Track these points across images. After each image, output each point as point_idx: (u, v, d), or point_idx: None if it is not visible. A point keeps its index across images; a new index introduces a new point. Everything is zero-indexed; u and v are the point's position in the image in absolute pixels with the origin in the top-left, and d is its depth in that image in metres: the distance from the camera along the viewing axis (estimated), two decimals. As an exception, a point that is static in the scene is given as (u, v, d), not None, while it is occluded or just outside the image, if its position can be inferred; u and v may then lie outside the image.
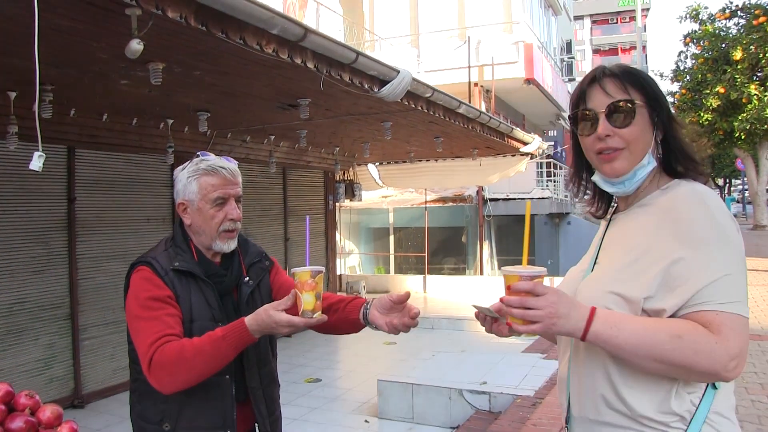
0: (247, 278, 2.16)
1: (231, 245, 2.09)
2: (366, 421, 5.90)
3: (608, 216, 1.61)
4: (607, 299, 1.36)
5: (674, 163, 1.48)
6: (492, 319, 1.51)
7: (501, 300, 1.35)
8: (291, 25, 3.90)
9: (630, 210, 1.51)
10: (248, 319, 1.85)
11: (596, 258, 1.53)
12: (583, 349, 1.42)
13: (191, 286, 2.03)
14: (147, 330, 1.90)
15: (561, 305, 1.29)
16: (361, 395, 6.64)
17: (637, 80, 1.45)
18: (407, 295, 1.95)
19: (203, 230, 2.07)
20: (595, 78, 1.48)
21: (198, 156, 2.10)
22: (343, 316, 2.09)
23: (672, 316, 1.31)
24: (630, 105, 1.43)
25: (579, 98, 1.51)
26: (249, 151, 8.63)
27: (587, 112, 1.48)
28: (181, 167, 2.12)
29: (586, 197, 1.64)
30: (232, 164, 2.10)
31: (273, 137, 8.46)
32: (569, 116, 1.56)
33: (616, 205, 1.62)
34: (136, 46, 3.28)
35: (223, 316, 2.04)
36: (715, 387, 1.37)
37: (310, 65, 4.33)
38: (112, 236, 6.87)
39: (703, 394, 1.35)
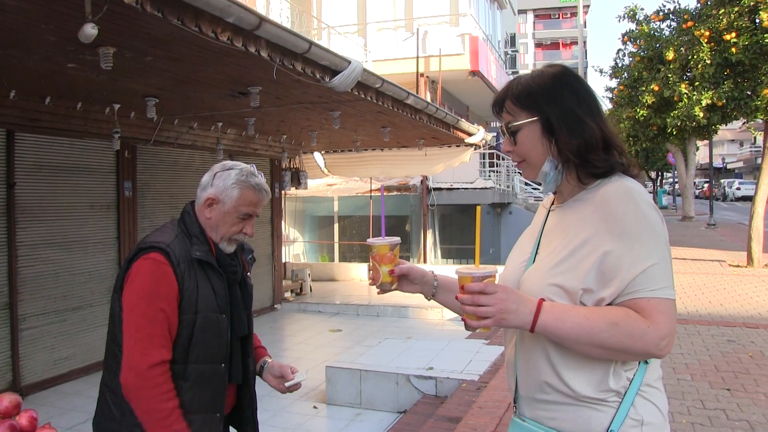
0: (249, 273, 2.30)
1: (232, 249, 2.18)
2: (314, 407, 5.96)
3: (548, 207, 1.72)
4: (549, 291, 1.46)
5: (583, 167, 1.55)
6: None
7: (456, 298, 1.46)
8: (246, 14, 3.90)
9: (567, 204, 1.61)
10: None
11: (537, 248, 1.63)
12: (527, 335, 1.52)
13: (201, 276, 2.07)
14: (147, 339, 1.95)
15: (510, 302, 1.40)
16: (310, 382, 6.68)
17: (521, 100, 1.57)
18: (290, 379, 2.24)
19: (219, 229, 2.14)
20: (499, 99, 1.64)
21: (247, 167, 2.16)
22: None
23: (610, 303, 1.43)
24: (511, 127, 1.59)
25: (496, 116, 1.68)
26: (196, 138, 8.53)
27: (501, 128, 1.66)
28: (227, 165, 2.17)
29: None
30: (268, 188, 2.20)
31: (221, 124, 8.38)
32: (500, 128, 1.71)
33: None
34: (90, 30, 3.22)
35: (228, 308, 2.13)
36: (646, 362, 1.51)
37: (264, 54, 4.34)
38: (53, 223, 6.71)
39: (636, 370, 1.49)
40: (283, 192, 11.53)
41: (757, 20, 10.18)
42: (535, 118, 1.55)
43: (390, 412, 5.60)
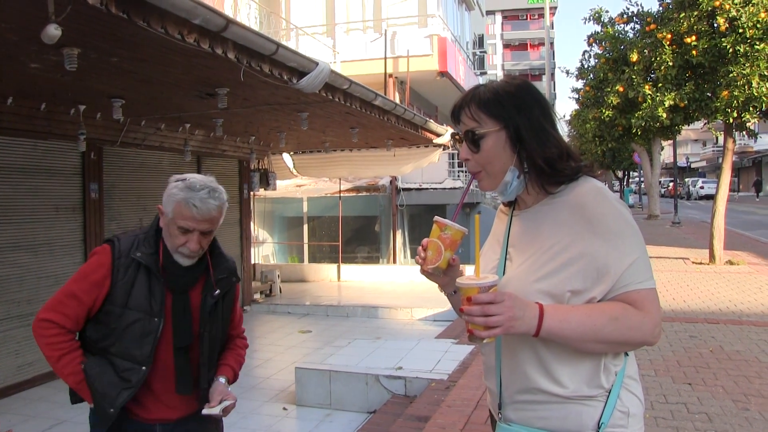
0: (217, 291, 2.29)
1: (186, 262, 2.21)
2: (284, 408, 5.96)
3: (509, 213, 1.72)
4: (536, 296, 1.48)
5: (545, 175, 1.58)
6: None
7: (461, 311, 1.42)
8: (213, 16, 3.90)
9: (533, 209, 1.62)
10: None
11: (506, 254, 1.65)
12: (513, 338, 1.52)
13: (142, 276, 2.17)
14: (55, 302, 2.18)
15: (516, 308, 1.40)
16: (279, 383, 6.69)
17: (487, 107, 1.56)
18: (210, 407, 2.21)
19: (168, 240, 2.21)
20: (461, 104, 1.61)
21: (196, 180, 2.17)
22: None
23: (600, 299, 1.47)
24: (477, 134, 1.56)
25: (455, 120, 1.65)
26: (163, 139, 8.46)
27: (457, 136, 1.63)
28: (180, 177, 2.21)
29: None
30: (210, 204, 2.15)
31: (188, 125, 8.33)
32: (452, 135, 1.70)
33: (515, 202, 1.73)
34: (53, 31, 3.19)
35: (161, 313, 2.17)
36: (626, 354, 1.58)
37: (231, 56, 4.34)
38: (17, 226, 6.60)
39: (622, 364, 1.55)
40: (251, 193, 11.48)
41: (715, 24, 10.43)
42: (502, 127, 1.55)
43: (360, 412, 5.63)
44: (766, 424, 4.24)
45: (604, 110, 12.36)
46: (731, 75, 10.10)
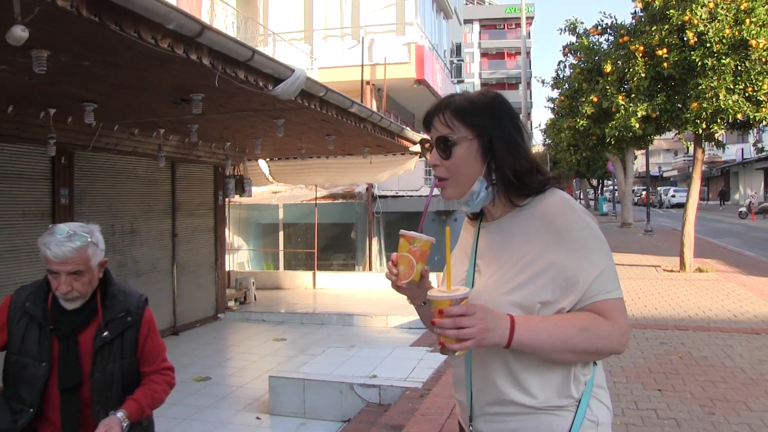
0: (105, 333, 2.39)
1: (69, 306, 2.35)
2: (258, 417, 5.91)
3: (477, 224, 1.73)
4: (507, 309, 1.48)
5: (512, 188, 1.58)
6: None
7: (433, 323, 1.40)
8: (188, 21, 3.86)
9: (501, 221, 1.63)
10: None
11: (474, 266, 1.65)
12: (483, 350, 1.52)
13: (30, 326, 2.36)
14: None
15: (488, 320, 1.39)
16: (253, 392, 6.63)
17: (463, 115, 1.56)
18: None
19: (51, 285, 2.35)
20: (434, 111, 1.62)
21: (62, 226, 2.36)
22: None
23: (570, 310, 1.49)
24: (450, 140, 1.56)
25: (426, 127, 1.65)
26: (137, 145, 8.37)
27: (427, 143, 1.63)
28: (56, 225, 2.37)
29: None
30: (65, 247, 2.26)
31: (162, 131, 8.24)
32: (420, 141, 1.70)
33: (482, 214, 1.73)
34: (20, 33, 3.11)
35: (48, 358, 2.33)
36: (595, 363, 1.59)
37: (206, 62, 4.30)
38: (-17, 231, 6.48)
39: (591, 373, 1.57)
40: (226, 199, 11.39)
41: (685, 38, 10.64)
42: (475, 136, 1.55)
43: (334, 421, 5.60)
44: (730, 427, 4.34)
45: (578, 120, 12.50)
46: (700, 87, 10.31)
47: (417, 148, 10.25)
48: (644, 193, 38.05)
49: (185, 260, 9.95)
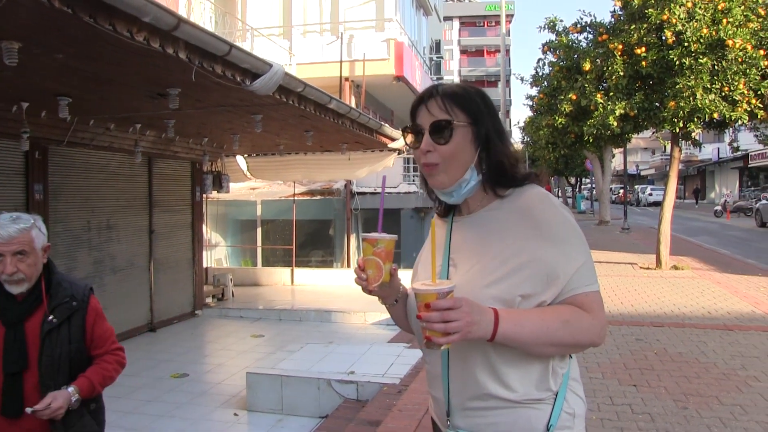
0: (52, 318, 2.46)
1: (15, 290, 2.42)
2: (235, 414, 5.88)
3: (449, 219, 1.72)
4: (486, 302, 1.47)
5: (498, 178, 1.60)
6: None
7: (419, 317, 1.38)
8: (164, 14, 3.82)
9: (477, 215, 1.64)
10: None
11: (449, 260, 1.65)
12: (463, 345, 1.50)
13: None
14: None
15: (474, 314, 1.38)
16: (230, 389, 6.60)
17: (461, 101, 1.57)
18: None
19: None
20: (424, 97, 1.61)
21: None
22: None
23: (550, 303, 1.50)
24: (448, 124, 1.54)
25: (412, 114, 1.63)
26: (113, 140, 8.27)
27: (416, 128, 1.60)
28: None
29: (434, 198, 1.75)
30: (11, 228, 2.39)
31: (139, 126, 8.15)
32: (403, 129, 1.67)
33: (455, 207, 1.72)
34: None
35: None
36: (570, 357, 1.61)
37: (183, 56, 4.26)
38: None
39: (567, 367, 1.59)
40: (204, 196, 11.31)
41: (663, 37, 10.74)
42: (471, 122, 1.56)
43: (311, 417, 5.59)
44: (702, 421, 4.42)
45: (557, 117, 12.57)
46: (678, 86, 10.42)
47: (396, 144, 10.26)
48: (622, 191, 38.50)
49: (162, 256, 9.87)
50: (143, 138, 8.69)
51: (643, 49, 10.76)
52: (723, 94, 10.46)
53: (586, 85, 11.62)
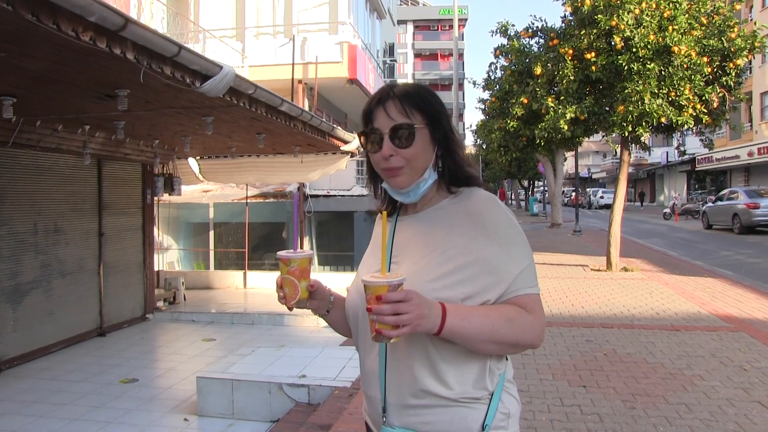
0: None
1: None
2: (185, 419, 5.79)
3: (392, 218, 1.74)
4: (429, 297, 1.46)
5: (452, 176, 1.65)
6: None
7: (369, 310, 1.37)
8: (110, 14, 3.74)
9: (424, 213, 1.66)
10: None
11: (391, 258, 1.66)
12: (402, 340, 1.50)
13: None
14: None
15: (423, 306, 1.39)
16: (181, 393, 6.50)
17: (417, 103, 1.59)
18: None
19: None
20: (381, 99, 1.61)
21: None
22: None
23: (494, 303, 1.52)
24: (409, 128, 1.55)
25: (367, 117, 1.63)
26: (61, 141, 8.06)
27: (374, 132, 1.60)
28: None
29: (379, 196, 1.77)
30: None
31: (88, 127, 7.96)
32: (359, 133, 1.67)
33: (399, 206, 1.75)
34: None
35: None
36: (506, 359, 1.64)
37: (130, 56, 4.17)
38: None
39: (504, 368, 1.62)
40: (155, 198, 11.12)
41: (612, 43, 10.99)
42: (428, 124, 1.58)
43: (263, 421, 5.54)
44: (649, 420, 4.51)
45: (509, 121, 12.74)
46: (626, 91, 10.67)
47: (349, 147, 10.24)
48: (573, 194, 39.18)
49: (112, 260, 9.67)
50: (92, 140, 8.50)
51: (593, 54, 11.00)
52: (670, 99, 10.77)
53: (538, 89, 11.81)
